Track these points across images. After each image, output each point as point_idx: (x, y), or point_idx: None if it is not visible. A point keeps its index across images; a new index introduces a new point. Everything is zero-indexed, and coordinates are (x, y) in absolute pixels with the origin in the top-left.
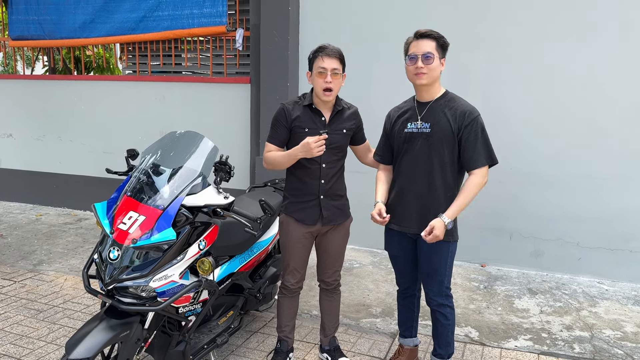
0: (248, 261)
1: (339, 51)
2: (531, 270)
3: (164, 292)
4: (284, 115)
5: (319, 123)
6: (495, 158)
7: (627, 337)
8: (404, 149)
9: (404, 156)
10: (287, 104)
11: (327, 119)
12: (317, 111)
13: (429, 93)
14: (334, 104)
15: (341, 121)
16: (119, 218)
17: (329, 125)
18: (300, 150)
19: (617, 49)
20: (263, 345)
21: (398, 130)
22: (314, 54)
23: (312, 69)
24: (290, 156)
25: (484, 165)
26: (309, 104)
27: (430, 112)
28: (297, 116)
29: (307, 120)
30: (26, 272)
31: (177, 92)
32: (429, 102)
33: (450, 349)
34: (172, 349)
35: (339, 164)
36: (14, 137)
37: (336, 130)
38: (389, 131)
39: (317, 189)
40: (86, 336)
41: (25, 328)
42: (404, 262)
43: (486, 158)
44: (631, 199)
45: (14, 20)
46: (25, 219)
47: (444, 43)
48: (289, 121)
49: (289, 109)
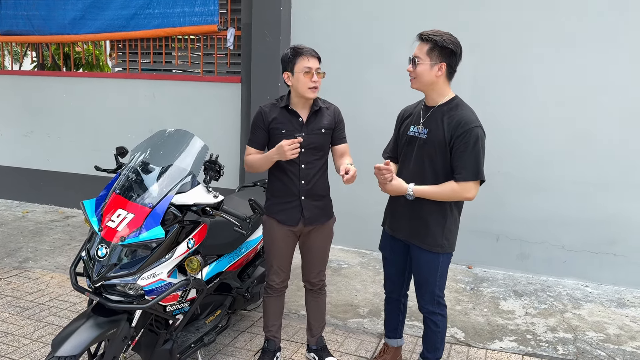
0: (236, 260)
1: (315, 50)
2: (517, 273)
3: (152, 290)
4: (261, 118)
5: (296, 124)
6: (482, 174)
7: (609, 339)
8: (404, 151)
9: (404, 160)
10: (265, 107)
11: (304, 119)
12: (294, 112)
13: (432, 98)
14: (311, 104)
15: (319, 121)
16: (107, 216)
17: (306, 126)
18: (275, 153)
19: (604, 55)
20: (250, 344)
21: (402, 132)
22: (292, 55)
23: (293, 70)
24: (267, 158)
25: (468, 181)
26: (285, 106)
27: (432, 118)
28: (274, 118)
29: (284, 121)
30: (12, 270)
31: (167, 90)
32: (432, 107)
33: (438, 353)
34: (159, 347)
35: (319, 163)
36: (1, 133)
37: (314, 130)
38: (398, 131)
39: (297, 189)
40: (73, 333)
41: (11, 326)
42: (392, 266)
43: (472, 173)
44: (616, 203)
45: (2, 15)
46: (12, 215)
47: (443, 45)
48: (266, 123)
49: (266, 112)
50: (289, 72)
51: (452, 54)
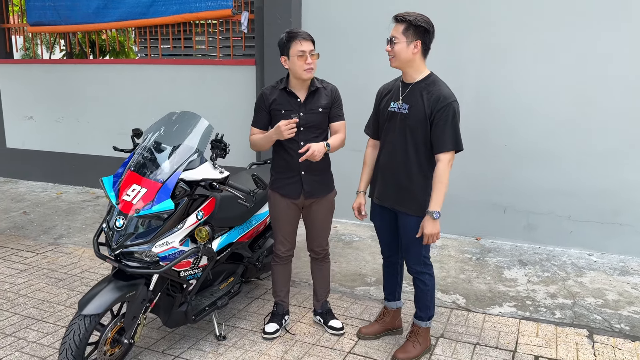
0: (247, 232)
1: (309, 34)
2: (524, 244)
3: (166, 257)
4: (262, 100)
5: (294, 104)
6: (461, 144)
7: (607, 304)
8: (385, 127)
9: (386, 134)
10: (266, 89)
11: (302, 100)
12: (293, 94)
13: (409, 75)
14: (308, 85)
15: (316, 100)
16: (123, 190)
17: (304, 106)
18: (274, 133)
19: (608, 27)
20: (262, 309)
21: (383, 108)
22: (287, 39)
23: (289, 54)
24: (268, 138)
25: (450, 151)
26: (284, 88)
27: (411, 93)
28: (274, 99)
29: (283, 102)
30: (47, 245)
31: (186, 74)
32: (411, 83)
33: (430, 311)
34: (175, 309)
35: (317, 141)
36: (35, 119)
37: (312, 109)
38: (378, 107)
39: (297, 165)
40: (96, 295)
41: (47, 294)
42: (385, 233)
43: (452, 144)
44: (621, 174)
45: (31, 6)
46: (47, 196)
47: (417, 25)
48: (267, 105)
49: (266, 94)
50: (285, 56)
51: (426, 32)
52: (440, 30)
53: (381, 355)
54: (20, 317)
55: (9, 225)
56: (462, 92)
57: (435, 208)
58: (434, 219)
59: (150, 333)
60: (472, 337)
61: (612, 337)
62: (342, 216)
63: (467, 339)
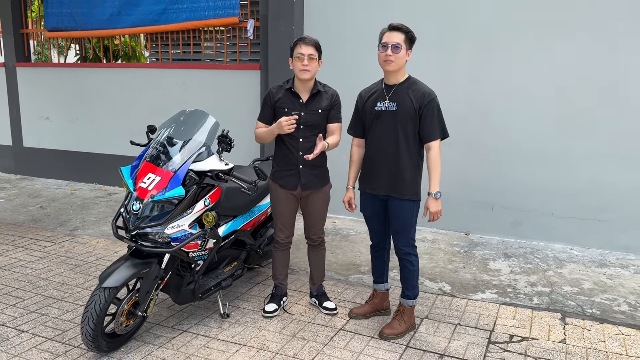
0: (249, 221)
1: (315, 40)
2: (510, 238)
3: (176, 238)
4: (269, 97)
5: (296, 104)
6: (447, 132)
7: (582, 292)
8: (374, 124)
9: (374, 130)
10: (273, 88)
11: (304, 100)
12: (296, 94)
13: (395, 77)
14: (311, 87)
15: (317, 102)
16: (140, 179)
17: (306, 106)
18: (276, 127)
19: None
20: (263, 293)
21: (369, 108)
22: (294, 43)
23: (293, 55)
24: (270, 131)
25: (438, 138)
26: (289, 88)
27: (396, 93)
28: (279, 98)
29: (287, 101)
30: (64, 236)
31: (195, 78)
32: (394, 84)
33: (415, 290)
34: (184, 287)
35: (315, 139)
36: (51, 120)
37: (312, 110)
38: (361, 109)
39: (296, 160)
40: (115, 270)
41: (65, 278)
42: (375, 221)
43: (440, 132)
44: (600, 172)
45: (49, 13)
46: (62, 193)
47: (412, 37)
48: (272, 102)
49: (273, 92)
50: (291, 57)
51: (413, 42)
52: (434, 36)
53: (369, 332)
54: (42, 297)
55: (27, 218)
56: (454, 97)
57: (435, 189)
58: (436, 198)
59: (161, 311)
60: (454, 319)
61: (582, 319)
62: (341, 212)
63: (449, 320)
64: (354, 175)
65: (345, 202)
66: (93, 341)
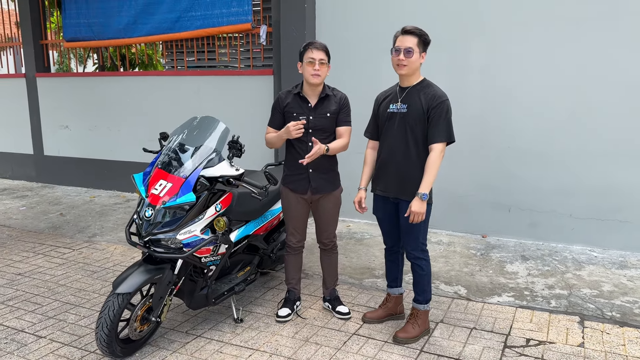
0: (262, 225)
1: (324, 45)
2: (528, 240)
3: (189, 244)
4: (278, 103)
5: (305, 108)
6: (452, 137)
7: (602, 294)
8: (386, 126)
9: (386, 133)
10: (282, 93)
11: (312, 104)
12: (305, 98)
13: (409, 80)
14: (320, 92)
15: (325, 106)
16: (152, 185)
17: (314, 110)
18: (284, 132)
19: (608, 30)
20: (277, 297)
21: (382, 111)
22: (304, 47)
23: (303, 60)
24: (279, 136)
25: (442, 142)
26: (297, 92)
27: (409, 95)
28: (288, 103)
29: (295, 106)
30: (82, 243)
31: (210, 84)
32: (408, 87)
33: (427, 295)
34: (197, 293)
35: (325, 143)
36: (70, 128)
37: (320, 114)
38: (376, 111)
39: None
40: (128, 277)
41: (83, 284)
42: (387, 224)
43: (445, 136)
44: (619, 172)
45: (67, 23)
46: (81, 200)
47: (425, 40)
48: (281, 107)
49: (282, 98)
50: (301, 62)
51: (428, 45)
52: (446, 37)
53: (383, 337)
54: (60, 303)
55: (47, 226)
56: (467, 98)
57: (423, 190)
58: (421, 200)
59: (175, 316)
60: (470, 323)
61: (602, 323)
62: (355, 216)
63: (465, 324)
64: (367, 176)
65: (356, 203)
66: (107, 347)
